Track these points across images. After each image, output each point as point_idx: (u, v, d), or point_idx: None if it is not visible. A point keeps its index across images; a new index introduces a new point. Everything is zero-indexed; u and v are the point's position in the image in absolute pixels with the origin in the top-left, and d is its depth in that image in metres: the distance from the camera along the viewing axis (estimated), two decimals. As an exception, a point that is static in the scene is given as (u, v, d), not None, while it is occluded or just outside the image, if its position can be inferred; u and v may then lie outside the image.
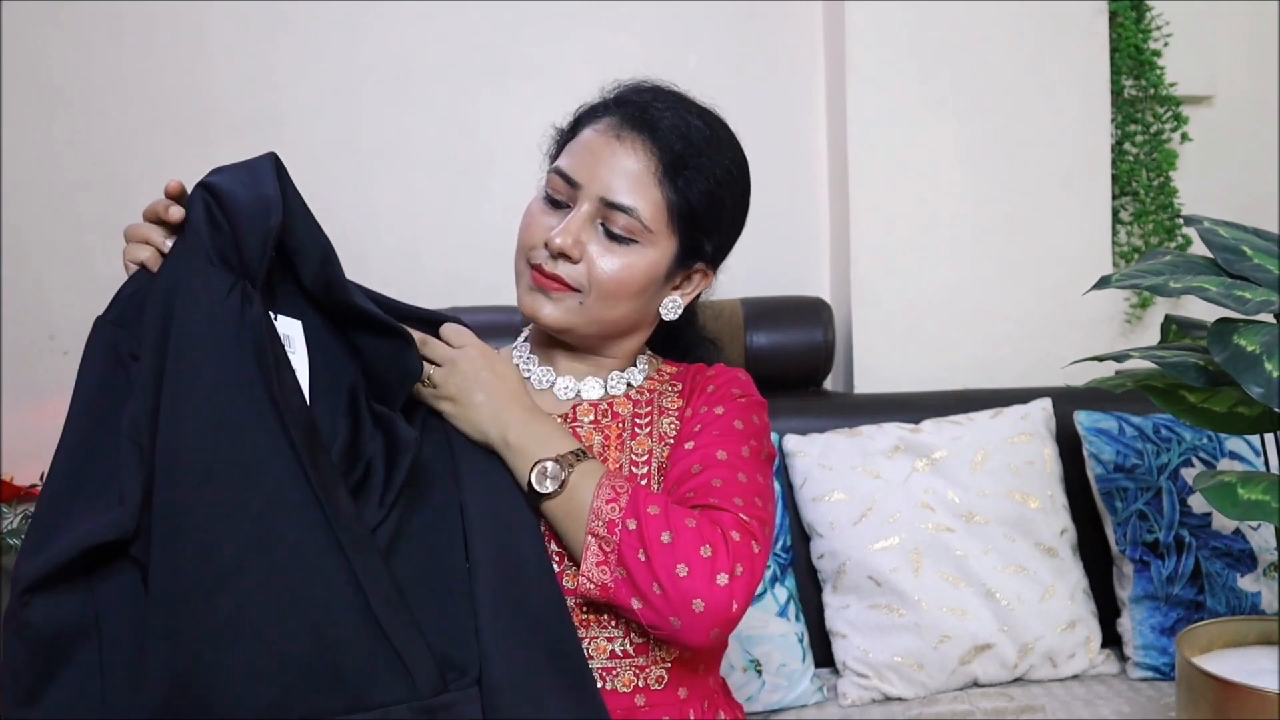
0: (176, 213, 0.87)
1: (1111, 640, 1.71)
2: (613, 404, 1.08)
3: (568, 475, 0.94)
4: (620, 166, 1.01)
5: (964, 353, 2.06)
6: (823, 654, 1.69)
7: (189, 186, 0.89)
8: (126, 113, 1.98)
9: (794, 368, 1.90)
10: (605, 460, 1.03)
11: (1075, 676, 1.66)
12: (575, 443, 0.98)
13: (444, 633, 0.86)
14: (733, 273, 1.15)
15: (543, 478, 0.94)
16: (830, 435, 1.76)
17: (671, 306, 1.09)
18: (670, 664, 1.00)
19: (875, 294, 2.05)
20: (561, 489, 0.94)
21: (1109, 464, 1.72)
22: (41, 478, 1.74)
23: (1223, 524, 1.67)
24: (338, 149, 2.03)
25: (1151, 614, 1.67)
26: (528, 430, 0.96)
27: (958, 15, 2.01)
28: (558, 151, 1.09)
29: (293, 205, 0.89)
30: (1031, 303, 2.07)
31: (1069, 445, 1.78)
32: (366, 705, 0.79)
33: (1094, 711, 1.54)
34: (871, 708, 1.60)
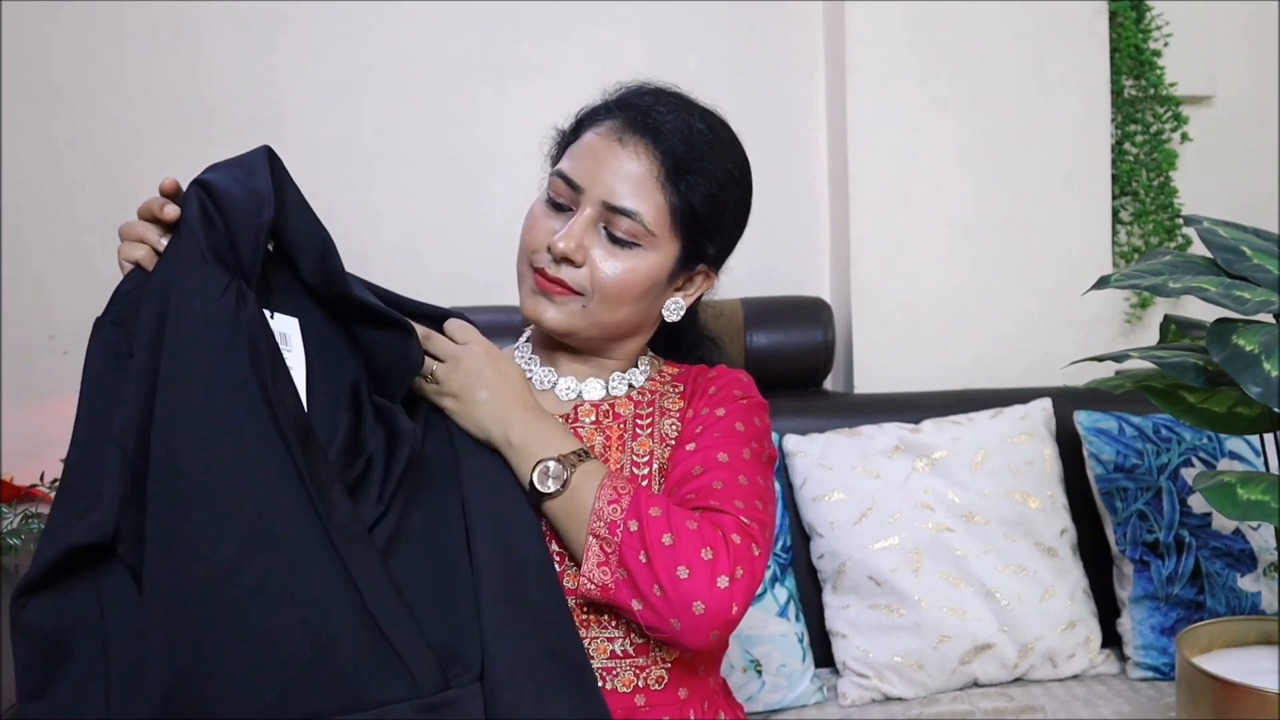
0: (172, 211, 0.87)
1: (1111, 640, 1.71)
2: (614, 405, 1.08)
3: (569, 475, 0.94)
4: (623, 170, 1.00)
5: (964, 353, 2.06)
6: (823, 654, 1.69)
7: (185, 185, 0.89)
8: (126, 113, 1.97)
9: (794, 368, 1.90)
10: (606, 461, 1.03)
11: (1075, 676, 1.66)
12: (577, 443, 0.98)
13: (446, 628, 0.85)
14: (733, 273, 1.15)
15: (544, 477, 0.94)
16: (830, 435, 1.77)
17: (674, 308, 1.09)
18: (670, 664, 1.00)
19: (875, 294, 2.05)
20: (563, 489, 0.94)
21: (1109, 464, 1.72)
22: (41, 478, 1.76)
23: (1223, 524, 1.67)
24: (338, 149, 2.03)
25: (1151, 614, 1.67)
26: (530, 429, 0.96)
27: (958, 15, 2.01)
28: (559, 153, 1.09)
29: (290, 198, 0.88)
30: (1031, 303, 2.07)
31: (1069, 445, 1.78)
32: (367, 704, 0.79)
33: (1094, 711, 1.54)
34: (871, 708, 1.60)
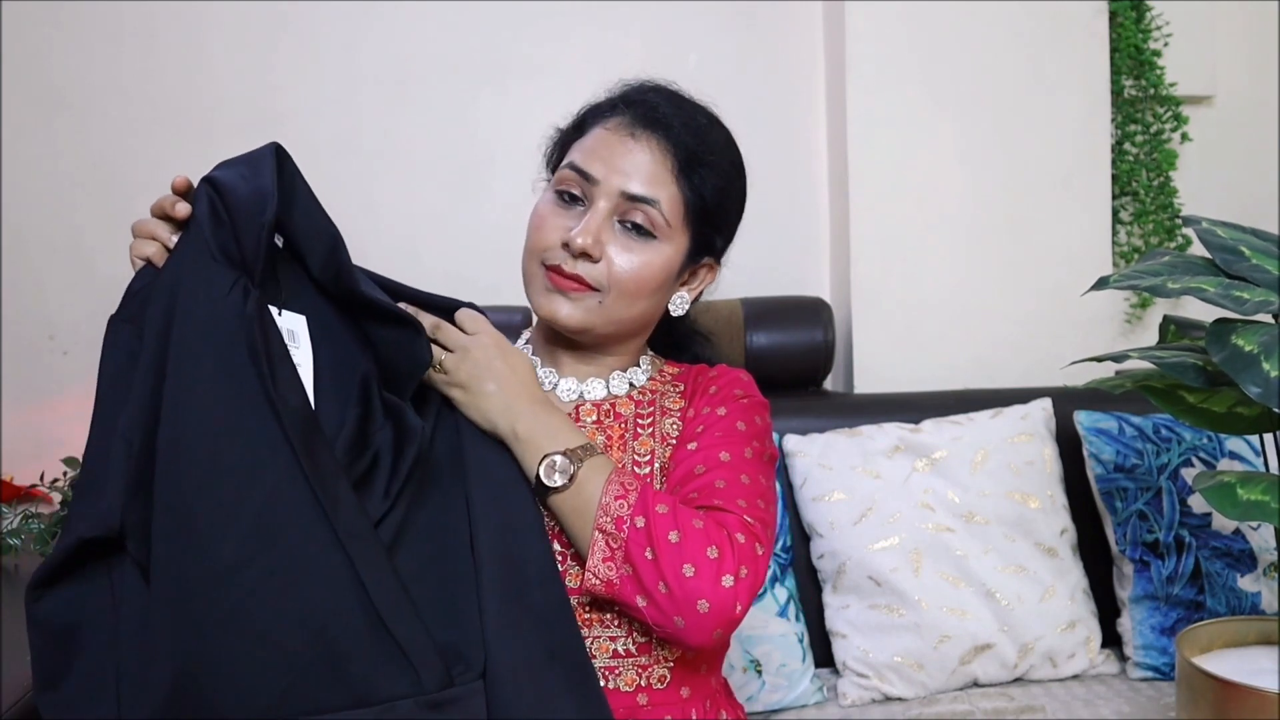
0: (183, 208, 0.88)
1: (1111, 640, 1.71)
2: (615, 404, 1.08)
3: (576, 470, 0.94)
4: (637, 162, 1.01)
5: (964, 353, 2.06)
6: (823, 654, 1.69)
7: (194, 182, 0.89)
8: (126, 113, 1.97)
9: (794, 368, 1.90)
10: (608, 460, 1.03)
11: (1075, 676, 1.66)
12: (584, 437, 0.98)
13: (450, 625, 0.86)
14: (733, 273, 1.16)
15: (551, 471, 0.94)
16: (830, 435, 1.77)
17: (679, 302, 1.10)
18: (673, 663, 1.00)
19: (875, 294, 2.05)
20: (570, 484, 0.94)
21: (1109, 464, 1.73)
22: (41, 478, 1.76)
23: (1223, 524, 1.68)
24: (338, 149, 2.03)
25: (1151, 614, 1.67)
26: (538, 422, 0.96)
27: (958, 15, 2.01)
28: (560, 152, 1.09)
29: (299, 195, 0.89)
30: (1031, 303, 2.07)
31: (1069, 445, 1.78)
32: (371, 700, 0.80)
33: (1094, 711, 1.54)
34: (871, 708, 1.60)
